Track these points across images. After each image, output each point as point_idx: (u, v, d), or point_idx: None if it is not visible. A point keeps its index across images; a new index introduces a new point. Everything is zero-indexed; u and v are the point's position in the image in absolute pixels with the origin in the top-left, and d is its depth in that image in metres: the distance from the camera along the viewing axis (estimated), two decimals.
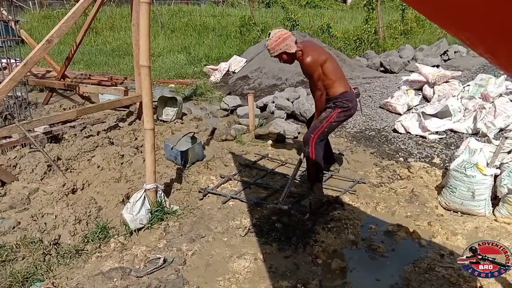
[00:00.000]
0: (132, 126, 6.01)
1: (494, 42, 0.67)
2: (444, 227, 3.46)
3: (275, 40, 3.69)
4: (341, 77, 3.89)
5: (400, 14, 14.35)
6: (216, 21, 16.22)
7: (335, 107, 3.82)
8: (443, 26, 0.79)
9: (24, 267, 2.92)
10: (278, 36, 3.69)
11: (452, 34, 0.77)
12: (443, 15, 0.70)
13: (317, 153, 3.85)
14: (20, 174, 4.23)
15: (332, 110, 3.83)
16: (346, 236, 3.38)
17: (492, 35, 0.66)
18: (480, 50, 0.74)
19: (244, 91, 7.99)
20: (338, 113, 3.82)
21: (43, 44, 4.32)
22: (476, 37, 0.69)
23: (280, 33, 3.71)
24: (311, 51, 3.74)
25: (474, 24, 0.66)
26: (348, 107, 3.83)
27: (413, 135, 5.38)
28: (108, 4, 18.52)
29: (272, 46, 3.72)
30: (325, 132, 3.88)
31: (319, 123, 3.85)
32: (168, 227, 3.50)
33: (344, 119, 3.94)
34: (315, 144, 3.83)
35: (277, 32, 3.72)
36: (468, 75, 7.06)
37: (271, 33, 3.76)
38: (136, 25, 5.34)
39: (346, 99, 3.81)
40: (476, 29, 0.67)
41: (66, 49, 6.95)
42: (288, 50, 3.70)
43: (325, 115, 3.85)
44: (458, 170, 3.67)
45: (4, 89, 4.05)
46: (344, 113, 3.85)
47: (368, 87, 7.29)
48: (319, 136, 3.84)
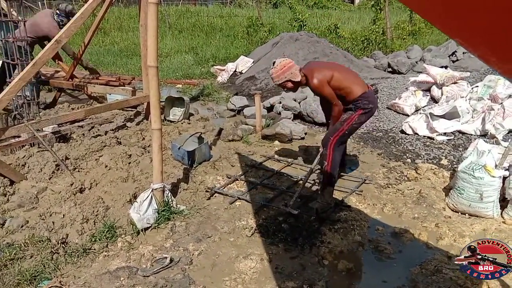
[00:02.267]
0: (139, 126, 6.03)
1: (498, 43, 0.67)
2: (451, 229, 3.44)
3: (280, 69, 3.74)
4: (355, 80, 3.87)
5: (408, 15, 14.31)
6: (224, 22, 16.26)
7: (356, 109, 3.78)
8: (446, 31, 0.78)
9: (32, 265, 2.95)
10: (283, 64, 3.75)
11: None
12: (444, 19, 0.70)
13: (334, 157, 3.81)
14: (28, 173, 4.27)
15: (354, 112, 3.79)
16: (352, 237, 3.37)
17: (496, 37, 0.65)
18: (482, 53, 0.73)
19: (251, 91, 7.99)
20: (359, 114, 3.78)
21: (52, 44, 4.36)
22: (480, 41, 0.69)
23: (285, 62, 3.78)
24: (315, 72, 3.76)
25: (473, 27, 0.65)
26: (369, 108, 3.80)
27: (420, 136, 5.36)
28: (116, 5, 18.63)
29: (277, 74, 3.76)
30: (345, 134, 3.84)
31: (340, 125, 3.80)
32: (175, 226, 3.51)
33: (365, 120, 3.90)
34: (333, 147, 3.79)
35: (282, 61, 3.78)
36: (477, 76, 7.00)
37: (275, 61, 3.81)
38: (144, 26, 5.36)
39: (367, 100, 3.77)
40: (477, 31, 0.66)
41: (75, 49, 7.01)
42: (293, 79, 3.77)
43: (346, 117, 3.81)
44: (466, 171, 3.64)
45: (13, 89, 4.09)
46: (366, 115, 3.82)
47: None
48: (339, 139, 3.79)
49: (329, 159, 3.79)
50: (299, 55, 9.00)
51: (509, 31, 0.61)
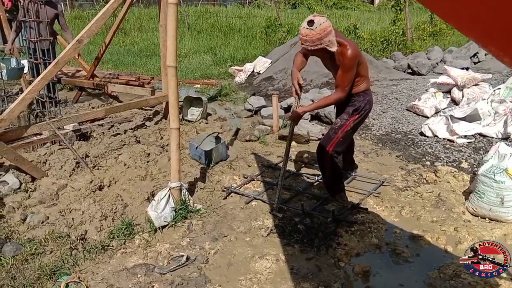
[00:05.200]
0: (158, 125, 6.10)
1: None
2: (471, 233, 3.38)
3: (319, 32, 3.07)
4: (368, 74, 3.63)
5: (429, 15, 14.08)
6: (242, 22, 16.29)
7: (353, 112, 3.58)
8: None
9: (52, 260, 3.01)
10: (324, 28, 3.08)
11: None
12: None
13: (333, 165, 3.63)
14: (49, 170, 4.35)
15: (348, 117, 3.58)
16: (369, 240, 3.34)
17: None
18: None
19: (269, 92, 7.99)
20: (354, 120, 3.58)
21: (74, 44, 4.44)
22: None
23: (326, 24, 3.09)
24: (352, 47, 3.27)
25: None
26: (365, 110, 3.62)
27: (440, 138, 5.27)
28: (136, 5, 18.86)
29: (314, 37, 3.09)
30: (341, 142, 3.61)
31: (334, 134, 3.59)
32: (191, 225, 3.54)
33: (359, 125, 3.77)
34: (331, 158, 3.58)
35: (323, 23, 3.08)
36: (499, 78, 6.86)
37: (314, 20, 3.08)
38: (163, 26, 5.41)
39: (367, 98, 3.60)
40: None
41: (96, 49, 7.13)
42: (329, 48, 3.18)
43: (340, 123, 3.60)
44: (486, 175, 3.57)
45: (35, 87, 4.18)
46: (360, 120, 3.67)
47: (395, 89, 7.18)
48: (335, 148, 3.57)
49: (329, 169, 3.66)
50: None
51: None
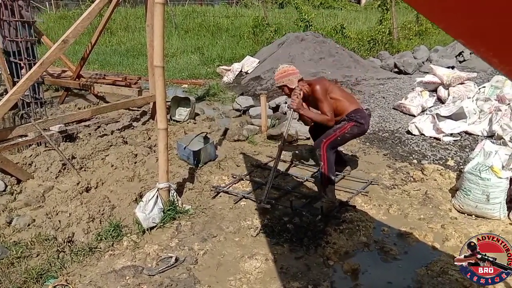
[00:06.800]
0: (145, 125, 6.06)
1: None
2: (458, 230, 3.42)
3: (281, 73, 4.07)
4: (351, 98, 4.17)
5: (415, 15, 14.21)
6: (230, 22, 16.27)
7: (350, 120, 3.96)
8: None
9: (39, 263, 2.97)
10: (284, 70, 4.07)
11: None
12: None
13: (329, 156, 3.92)
14: (35, 172, 4.30)
15: (347, 122, 3.97)
16: (358, 238, 3.36)
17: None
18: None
19: (257, 91, 7.99)
20: (351, 126, 3.95)
21: (59, 44, 4.38)
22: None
23: (287, 68, 4.09)
24: (318, 83, 3.99)
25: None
26: (361, 123, 3.98)
27: (427, 137, 5.33)
28: (123, 5, 18.71)
29: (276, 77, 4.11)
30: (337, 140, 3.98)
31: (333, 131, 3.96)
32: (180, 226, 3.52)
33: (357, 133, 4.08)
34: (326, 148, 3.92)
35: (285, 67, 4.12)
36: (484, 76, 6.96)
37: (280, 66, 4.18)
38: (150, 26, 5.38)
39: (359, 115, 3.99)
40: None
41: (81, 49, 7.05)
42: (289, 85, 4.03)
43: (339, 126, 3.98)
44: (472, 172, 3.62)
45: (20, 88, 4.12)
46: (358, 128, 3.99)
47: (382, 88, 7.24)
48: (330, 142, 3.93)
49: (324, 159, 3.90)
50: (305, 55, 8.99)
51: (510, 33, 0.60)
